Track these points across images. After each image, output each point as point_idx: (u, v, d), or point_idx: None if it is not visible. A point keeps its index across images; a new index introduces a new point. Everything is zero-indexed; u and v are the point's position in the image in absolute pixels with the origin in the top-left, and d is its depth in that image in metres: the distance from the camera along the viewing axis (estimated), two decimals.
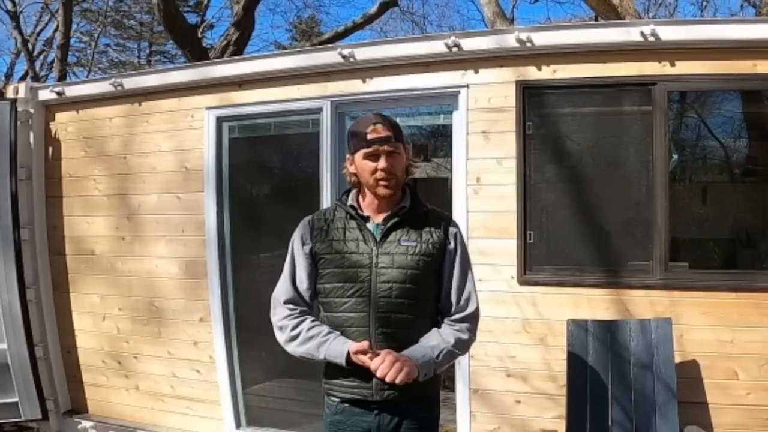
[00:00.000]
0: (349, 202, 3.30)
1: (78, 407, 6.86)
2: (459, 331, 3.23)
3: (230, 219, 6.17)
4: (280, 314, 3.30)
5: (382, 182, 3.16)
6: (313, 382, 3.28)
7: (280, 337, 3.28)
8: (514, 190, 5.20)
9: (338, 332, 3.15)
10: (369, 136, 3.15)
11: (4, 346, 6.45)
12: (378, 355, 2.97)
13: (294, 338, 3.22)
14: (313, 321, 3.24)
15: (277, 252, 3.37)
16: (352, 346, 3.04)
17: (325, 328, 3.18)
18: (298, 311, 3.27)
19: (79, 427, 6.70)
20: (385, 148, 3.15)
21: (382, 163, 3.14)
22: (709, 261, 5.43)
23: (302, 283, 3.30)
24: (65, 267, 6.82)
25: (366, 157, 3.18)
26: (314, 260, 3.28)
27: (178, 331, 6.31)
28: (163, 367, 6.40)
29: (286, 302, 3.29)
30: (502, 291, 5.19)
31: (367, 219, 3.26)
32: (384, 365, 2.93)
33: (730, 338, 4.79)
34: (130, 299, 6.52)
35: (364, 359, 3.00)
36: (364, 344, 3.02)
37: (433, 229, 3.26)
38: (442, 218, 3.35)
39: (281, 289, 3.33)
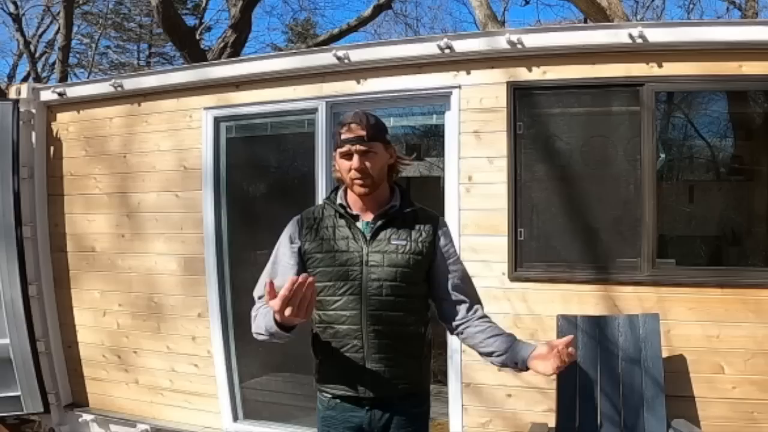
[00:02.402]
0: (338, 201, 3.25)
1: (79, 401, 6.84)
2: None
3: (228, 217, 6.15)
4: (253, 308, 3.22)
5: (356, 181, 3.11)
6: (308, 376, 3.26)
7: (252, 327, 3.17)
8: (505, 188, 5.19)
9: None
10: (342, 136, 3.11)
11: (7, 341, 6.43)
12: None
13: (253, 321, 3.14)
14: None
15: (273, 249, 3.32)
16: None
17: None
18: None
19: (80, 420, 6.69)
20: (357, 147, 3.09)
21: (354, 162, 3.09)
22: (696, 258, 5.43)
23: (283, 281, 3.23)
24: (66, 264, 6.80)
25: (342, 156, 3.14)
26: (303, 259, 3.22)
27: (177, 327, 6.29)
28: (162, 362, 6.38)
29: (260, 297, 3.22)
30: (494, 287, 5.18)
31: (356, 217, 3.21)
32: None
33: (716, 333, 4.78)
34: (130, 295, 6.50)
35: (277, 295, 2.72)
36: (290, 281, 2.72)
37: (422, 227, 3.22)
38: (431, 217, 3.31)
39: (259, 287, 3.27)
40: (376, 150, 3.14)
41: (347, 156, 3.12)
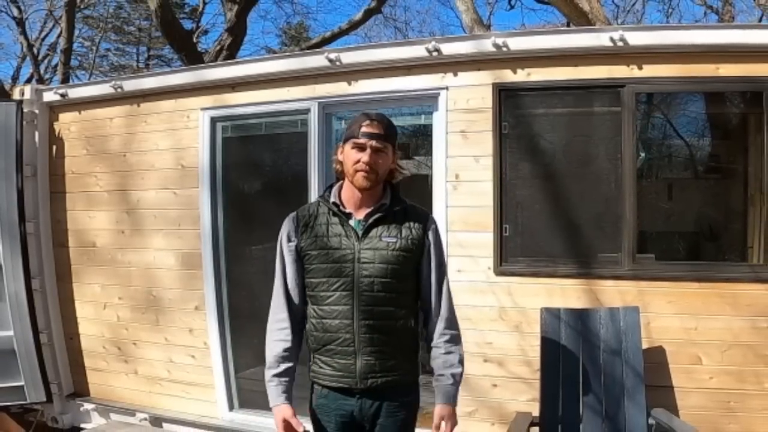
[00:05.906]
0: (332, 199, 3.26)
1: (80, 390, 6.81)
2: (458, 355, 3.33)
3: (224, 213, 6.12)
4: (271, 317, 3.32)
5: (360, 173, 3.13)
6: (301, 366, 3.26)
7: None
8: (490, 186, 5.18)
9: (285, 378, 3.25)
10: (362, 129, 3.14)
11: (11, 333, 6.40)
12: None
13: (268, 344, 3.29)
14: (283, 341, 3.26)
15: (267, 244, 3.34)
16: (286, 411, 3.20)
17: (281, 358, 3.24)
18: (284, 318, 3.27)
19: (81, 409, 6.67)
20: (373, 143, 3.12)
21: (365, 156, 3.12)
22: (675, 253, 5.44)
23: (291, 279, 3.27)
24: (68, 258, 6.77)
25: (354, 146, 3.16)
26: (300, 256, 3.25)
27: (175, 319, 6.27)
28: (161, 353, 6.35)
29: (276, 306, 3.30)
30: (480, 281, 5.17)
31: (349, 215, 3.23)
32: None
33: (694, 325, 4.78)
34: (130, 289, 6.48)
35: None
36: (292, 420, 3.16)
37: (412, 225, 3.24)
38: (421, 215, 3.33)
39: (275, 291, 3.31)
40: (387, 151, 3.19)
41: (359, 147, 3.15)
